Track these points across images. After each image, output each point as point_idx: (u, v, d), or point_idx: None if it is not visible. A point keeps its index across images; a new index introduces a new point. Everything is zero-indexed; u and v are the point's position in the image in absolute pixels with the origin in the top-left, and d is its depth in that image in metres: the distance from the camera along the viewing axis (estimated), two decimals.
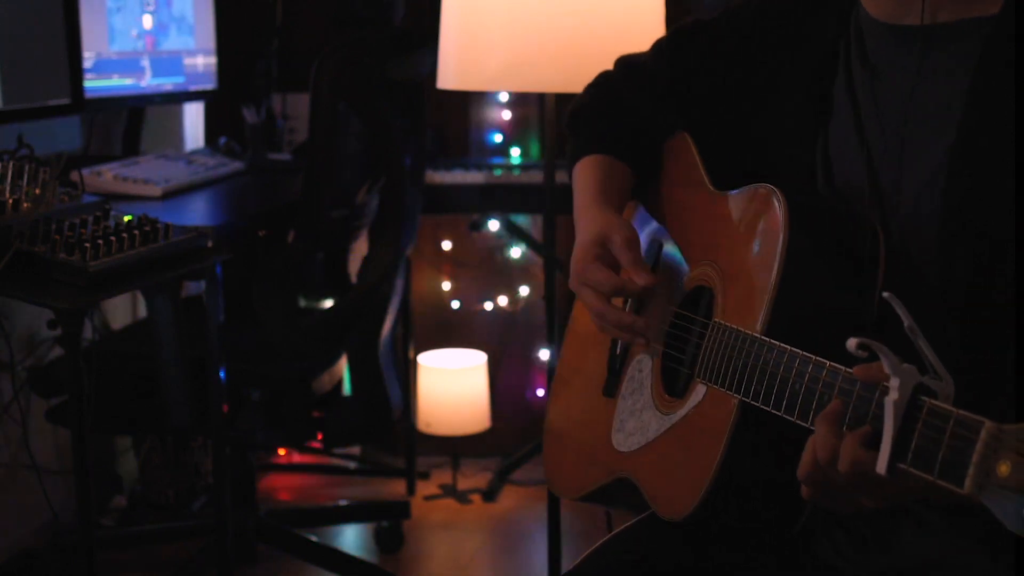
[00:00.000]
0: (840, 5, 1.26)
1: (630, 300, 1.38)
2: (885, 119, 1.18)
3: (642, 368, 1.35)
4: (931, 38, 1.15)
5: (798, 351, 1.06)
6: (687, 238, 1.35)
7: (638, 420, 1.32)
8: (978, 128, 1.10)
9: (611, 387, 1.40)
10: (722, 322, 1.19)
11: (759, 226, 1.19)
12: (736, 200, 1.26)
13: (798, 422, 1.04)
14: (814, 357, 1.03)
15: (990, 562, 1.12)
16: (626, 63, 1.50)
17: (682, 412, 1.24)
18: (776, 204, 1.16)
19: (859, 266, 1.11)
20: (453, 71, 2.15)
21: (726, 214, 1.27)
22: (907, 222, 1.15)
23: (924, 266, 1.13)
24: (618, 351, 1.41)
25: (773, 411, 1.07)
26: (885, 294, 0.97)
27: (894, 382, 0.90)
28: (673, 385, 1.30)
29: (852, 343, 0.93)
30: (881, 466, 0.90)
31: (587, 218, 1.36)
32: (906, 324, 0.93)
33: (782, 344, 1.08)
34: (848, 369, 0.98)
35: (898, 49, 1.18)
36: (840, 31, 1.25)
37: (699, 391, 1.21)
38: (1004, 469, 0.78)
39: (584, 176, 1.42)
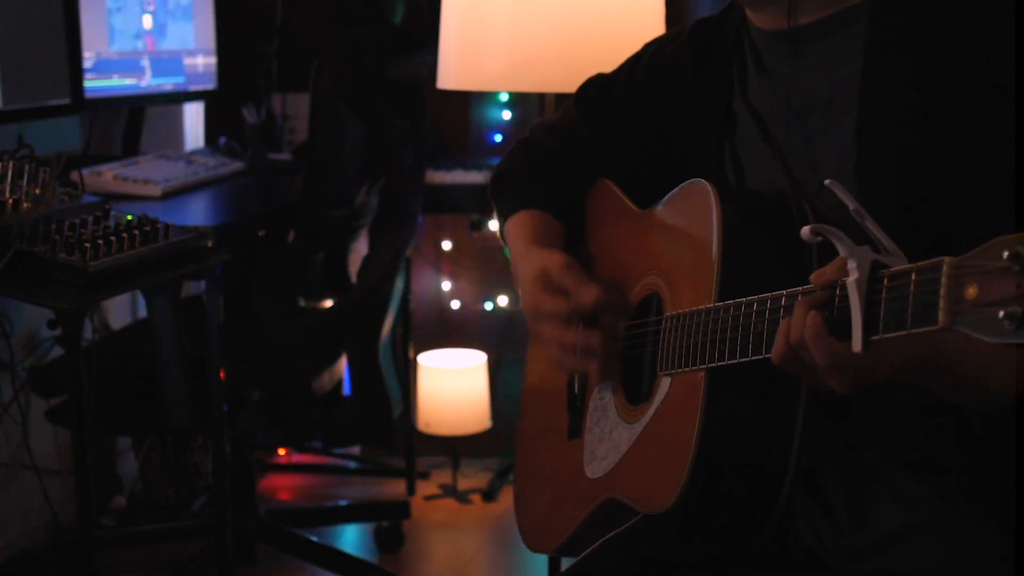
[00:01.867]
0: (732, 29, 1.32)
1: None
2: (788, 118, 1.23)
3: (603, 395, 1.36)
4: (812, 34, 1.20)
5: (755, 296, 1.08)
6: (625, 263, 1.38)
7: (609, 441, 1.33)
8: (878, 107, 1.14)
9: (576, 428, 1.41)
10: (676, 313, 1.22)
11: (691, 213, 1.23)
12: (664, 206, 1.31)
13: (768, 357, 1.06)
14: (769, 294, 1.06)
15: (966, 528, 1.14)
16: (541, 126, 1.56)
17: (651, 412, 1.25)
18: (703, 188, 1.20)
19: (790, 227, 1.14)
20: (453, 71, 2.15)
21: (656, 223, 1.31)
22: (830, 206, 1.17)
23: None
24: (576, 390, 1.43)
25: (741, 360, 1.09)
26: (827, 181, 1.01)
27: (851, 264, 0.93)
28: (637, 397, 1.31)
29: (806, 230, 0.97)
30: (856, 344, 0.92)
31: (524, 262, 1.40)
32: (852, 207, 0.97)
33: (739, 300, 1.10)
34: (805, 286, 1.01)
35: (782, 52, 1.23)
36: (734, 51, 1.31)
37: (664, 385, 1.23)
38: (972, 291, 0.81)
39: (517, 229, 1.46)
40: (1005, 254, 0.78)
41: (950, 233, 1.08)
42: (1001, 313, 0.78)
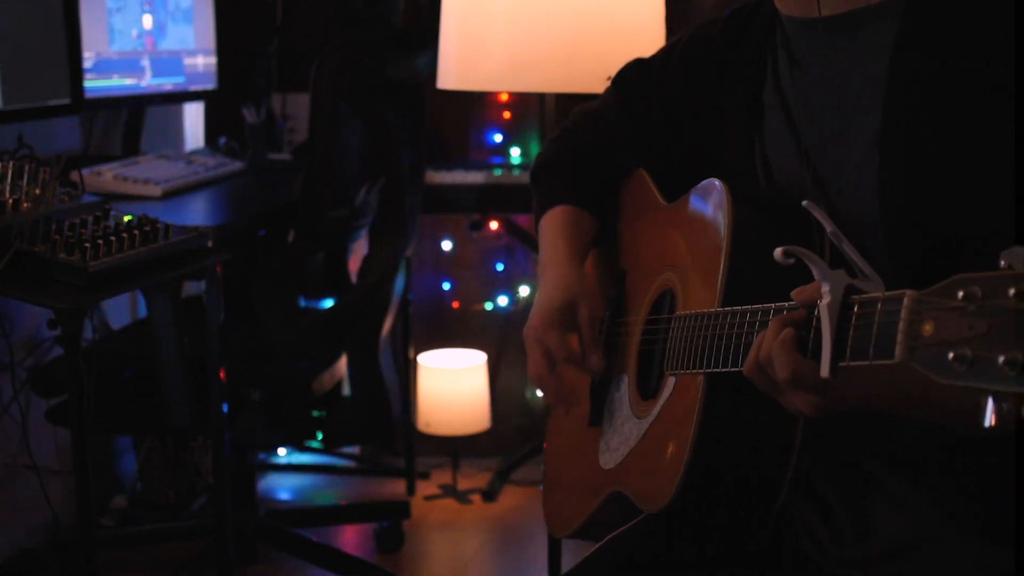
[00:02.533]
0: (764, 18, 1.31)
1: (603, 330, 1.44)
2: (814, 111, 1.22)
3: (620, 387, 1.38)
4: (841, 25, 1.18)
5: (747, 306, 1.09)
6: (647, 256, 1.40)
7: (620, 434, 1.34)
8: (903, 107, 1.13)
9: (596, 415, 1.43)
10: (683, 313, 1.22)
11: (705, 215, 1.24)
12: (683, 203, 1.32)
13: None
14: (760, 306, 1.06)
15: (967, 537, 1.14)
16: (582, 112, 1.57)
17: (656, 410, 1.26)
18: (717, 189, 1.21)
19: (806, 233, 1.14)
20: (453, 71, 2.15)
21: (676, 219, 1.33)
22: (849, 205, 1.17)
23: (873, 251, 1.14)
24: (597, 378, 1.44)
25: (732, 369, 1.09)
26: (804, 202, 1.01)
27: (825, 287, 0.93)
28: (648, 391, 1.32)
29: (779, 252, 0.98)
30: (824, 370, 0.92)
31: (557, 275, 1.43)
32: (829, 230, 0.98)
33: (734, 308, 1.11)
34: (790, 302, 1.02)
35: (815, 41, 1.22)
36: (766, 40, 1.30)
37: (669, 384, 1.24)
38: (928, 329, 0.81)
39: (552, 228, 1.48)
40: (960, 294, 0.78)
41: (965, 236, 1.07)
42: (951, 355, 0.77)
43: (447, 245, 3.49)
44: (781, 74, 1.27)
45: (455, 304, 3.51)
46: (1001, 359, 0.74)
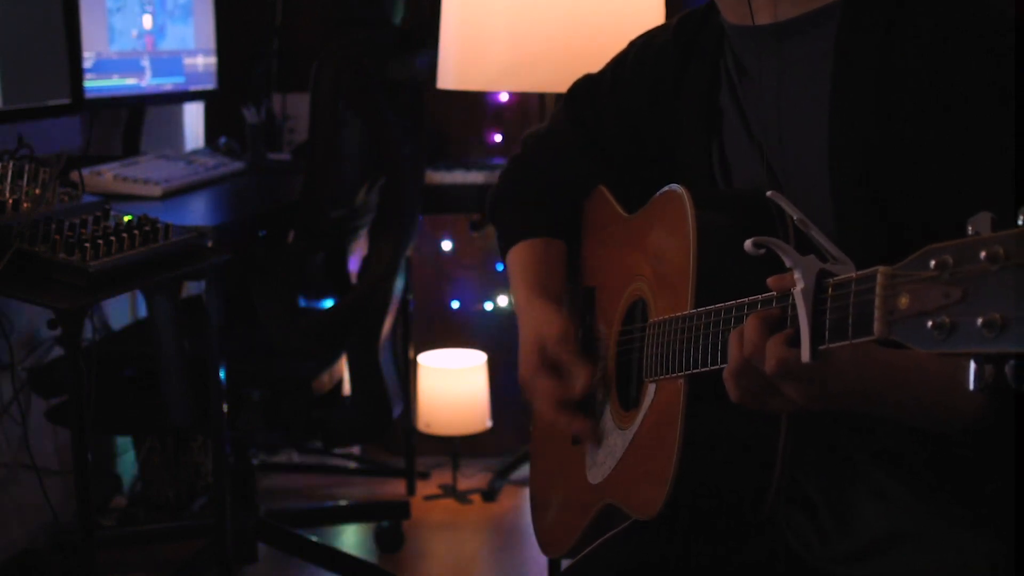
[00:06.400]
0: (715, 26, 1.32)
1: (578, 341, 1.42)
2: (767, 117, 1.23)
3: (601, 400, 1.37)
4: (778, 34, 1.20)
5: (721, 304, 1.09)
6: (614, 270, 1.39)
7: (606, 448, 1.34)
8: (848, 113, 1.14)
9: None
10: (657, 320, 1.22)
11: (668, 220, 1.23)
12: (645, 212, 1.31)
13: None
14: (734, 302, 1.06)
15: (952, 533, 1.14)
16: (532, 137, 1.56)
17: (639, 419, 1.25)
18: (677, 193, 1.21)
19: (770, 227, 1.15)
20: (453, 71, 2.15)
21: (640, 229, 1.32)
22: (806, 209, 1.17)
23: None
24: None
25: (711, 368, 1.09)
26: (769, 193, 1.01)
27: (797, 274, 0.93)
28: (629, 402, 1.32)
29: (749, 243, 0.97)
30: (805, 355, 0.92)
31: (526, 316, 1.44)
32: (796, 217, 0.98)
33: (708, 307, 1.11)
34: (765, 294, 1.01)
35: (757, 49, 1.23)
36: (718, 45, 1.31)
37: (650, 392, 1.23)
38: (904, 301, 0.81)
39: (519, 266, 1.48)
40: (932, 263, 0.78)
41: (924, 234, 1.08)
42: (929, 323, 0.77)
43: (447, 245, 3.49)
44: (734, 81, 1.28)
45: (455, 304, 3.51)
46: (979, 321, 0.74)
